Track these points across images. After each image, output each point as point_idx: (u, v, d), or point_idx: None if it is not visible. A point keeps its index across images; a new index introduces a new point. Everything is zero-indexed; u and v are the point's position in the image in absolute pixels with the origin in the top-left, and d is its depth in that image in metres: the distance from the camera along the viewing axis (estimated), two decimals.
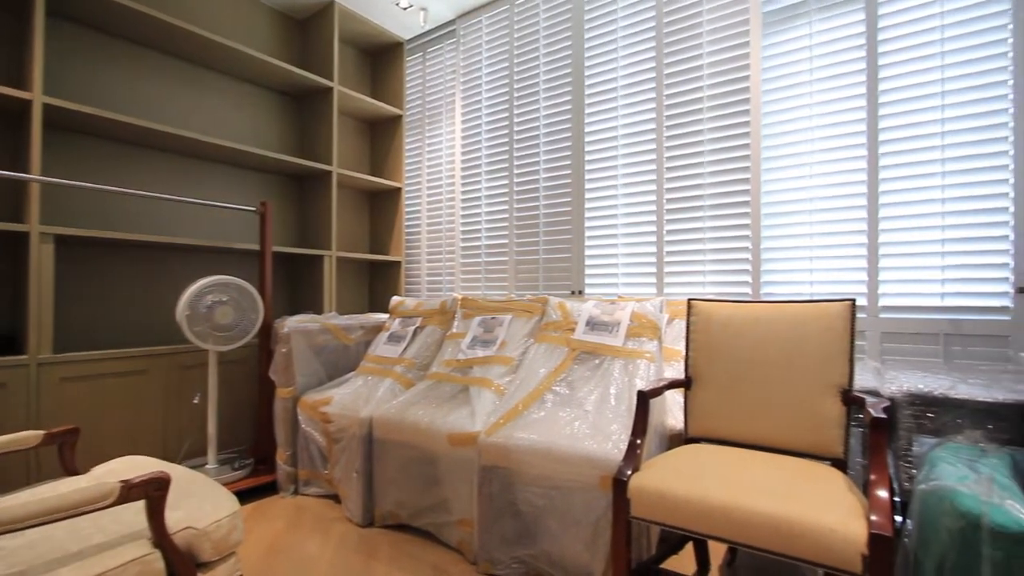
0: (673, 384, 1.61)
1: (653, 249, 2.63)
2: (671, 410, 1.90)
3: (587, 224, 2.87)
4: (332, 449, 2.20)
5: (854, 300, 1.46)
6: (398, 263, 3.65)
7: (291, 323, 2.43)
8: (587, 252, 2.87)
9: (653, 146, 2.64)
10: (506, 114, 3.22)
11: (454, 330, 2.43)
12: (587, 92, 2.88)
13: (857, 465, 1.61)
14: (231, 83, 2.94)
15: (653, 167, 2.63)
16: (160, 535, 1.03)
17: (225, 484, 2.24)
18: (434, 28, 3.62)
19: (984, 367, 1.87)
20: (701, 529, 1.16)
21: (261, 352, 2.53)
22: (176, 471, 1.34)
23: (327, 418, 2.20)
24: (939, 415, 1.47)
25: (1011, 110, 1.86)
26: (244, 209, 2.52)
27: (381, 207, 3.78)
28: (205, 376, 2.47)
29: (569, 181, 2.94)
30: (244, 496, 2.30)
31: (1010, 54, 1.86)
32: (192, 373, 2.43)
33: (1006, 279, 1.86)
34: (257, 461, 2.50)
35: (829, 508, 1.07)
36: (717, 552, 1.81)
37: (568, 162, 2.94)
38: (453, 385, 2.15)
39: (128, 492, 0.97)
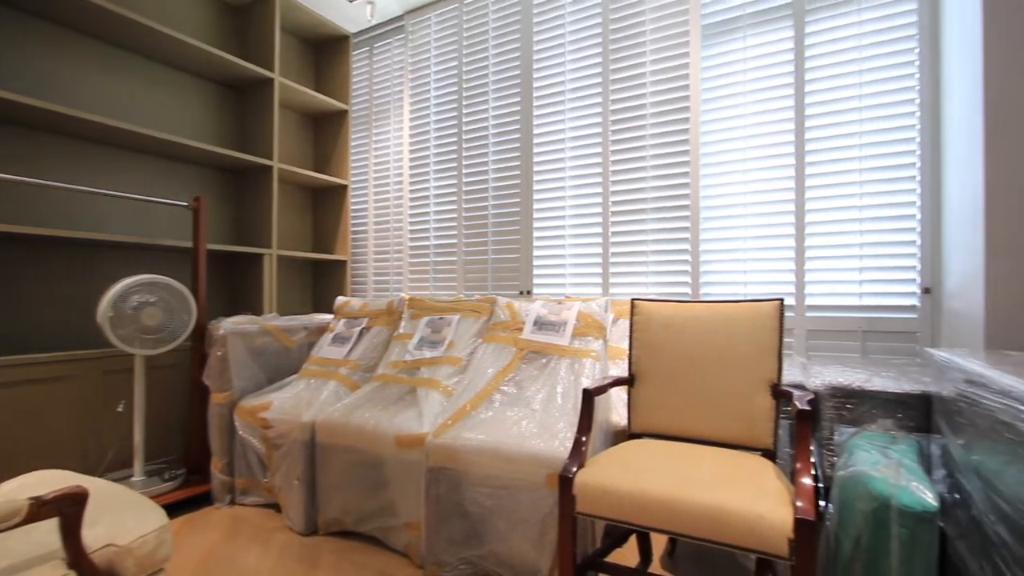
0: (617, 382, 1.66)
1: (599, 250, 2.69)
2: (615, 407, 1.95)
3: (535, 225, 2.90)
4: (272, 456, 2.12)
5: (782, 300, 1.55)
6: (344, 262, 3.55)
7: (227, 324, 2.32)
8: (535, 252, 2.90)
9: (599, 149, 2.70)
10: (455, 113, 3.21)
11: (401, 331, 2.40)
12: (535, 94, 2.91)
13: (785, 454, 1.71)
14: (163, 70, 2.76)
15: (599, 170, 2.70)
16: (76, 555, 0.95)
17: (153, 497, 2.10)
18: (381, 23, 3.55)
19: (895, 361, 2.04)
20: (643, 522, 1.20)
21: (194, 355, 2.39)
22: (96, 485, 1.25)
23: (267, 424, 2.12)
24: (857, 406, 1.59)
25: (918, 126, 2.04)
26: (175, 204, 2.38)
27: (326, 204, 3.66)
28: (131, 382, 2.31)
29: (518, 182, 2.96)
30: (175, 509, 2.17)
31: (917, 75, 2.04)
32: (116, 379, 2.27)
33: (914, 280, 2.04)
34: (190, 471, 2.36)
35: (759, 497, 1.13)
36: (659, 543, 1.88)
37: (517, 163, 2.97)
38: (400, 387, 2.11)
39: (39, 509, 0.89)
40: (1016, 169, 1.60)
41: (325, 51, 3.68)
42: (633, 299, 1.76)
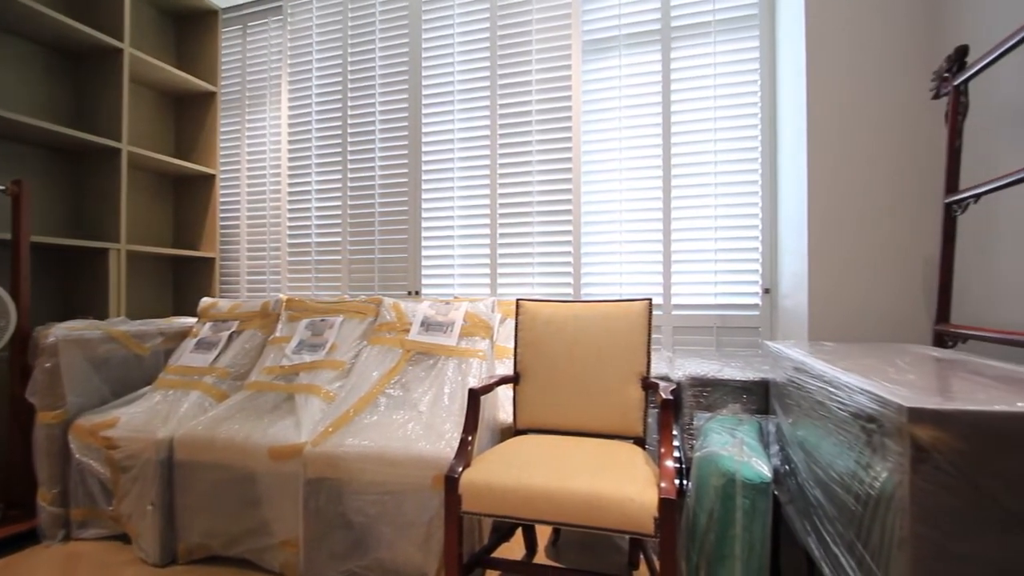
0: (503, 380, 1.70)
1: (487, 251, 2.73)
2: (503, 405, 1.99)
3: (424, 224, 2.87)
4: (119, 480, 1.86)
5: (651, 299, 1.70)
6: (211, 260, 3.22)
7: (59, 331, 1.99)
8: (424, 252, 2.87)
9: (488, 152, 2.74)
10: (339, 105, 3.06)
11: (278, 334, 2.23)
12: (424, 93, 2.88)
13: (654, 440, 1.88)
14: None
15: (487, 172, 2.74)
16: None
17: None
18: (256, 0, 3.28)
19: (742, 353, 2.32)
20: (526, 515, 1.24)
21: (14, 368, 2.02)
22: None
23: (112, 443, 1.85)
24: (711, 393, 1.80)
25: (759, 148, 2.35)
26: None
27: (190, 195, 3.29)
28: None
29: (406, 180, 2.90)
30: None
31: (759, 103, 2.35)
32: None
33: (756, 282, 2.35)
34: (8, 506, 1.99)
35: (629, 481, 1.23)
36: (544, 534, 1.95)
37: (405, 160, 2.91)
38: (277, 394, 1.97)
39: None
40: (831, 184, 1.91)
41: (189, 25, 3.31)
42: (518, 299, 1.81)
